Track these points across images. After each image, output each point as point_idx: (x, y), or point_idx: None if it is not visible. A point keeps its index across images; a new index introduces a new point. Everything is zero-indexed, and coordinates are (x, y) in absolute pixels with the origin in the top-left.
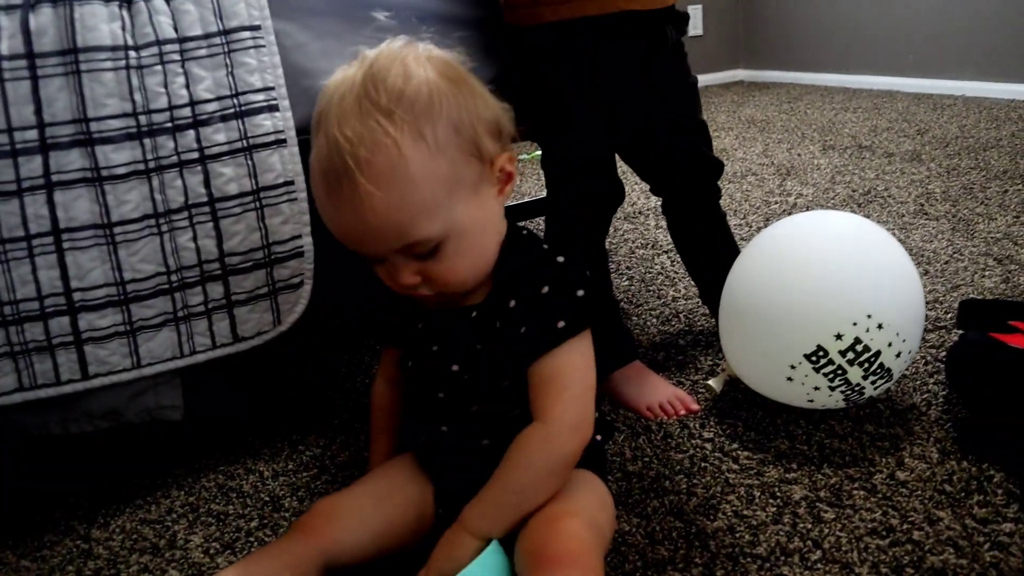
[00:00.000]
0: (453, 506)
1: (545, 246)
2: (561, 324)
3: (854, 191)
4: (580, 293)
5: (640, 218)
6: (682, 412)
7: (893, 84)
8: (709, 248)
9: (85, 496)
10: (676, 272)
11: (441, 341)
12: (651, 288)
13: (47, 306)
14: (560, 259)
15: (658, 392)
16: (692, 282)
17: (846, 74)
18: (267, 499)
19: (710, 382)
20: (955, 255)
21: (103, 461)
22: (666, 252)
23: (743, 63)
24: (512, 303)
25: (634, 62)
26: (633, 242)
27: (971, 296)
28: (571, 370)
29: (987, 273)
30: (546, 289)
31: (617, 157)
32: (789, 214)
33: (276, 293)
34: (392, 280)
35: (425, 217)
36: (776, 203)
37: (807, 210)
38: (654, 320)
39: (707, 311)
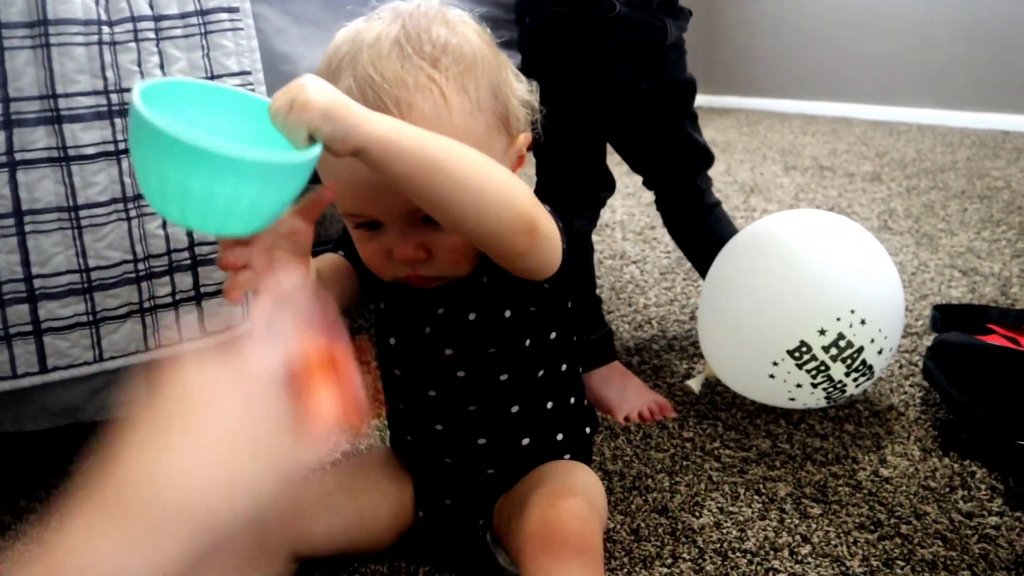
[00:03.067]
0: (435, 508)
1: None
2: None
3: (818, 207)
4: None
5: (607, 231)
6: (660, 418)
7: (849, 110)
8: (711, 234)
9: (37, 500)
10: (646, 281)
11: (434, 323)
12: (622, 296)
13: (5, 293)
14: None
15: (638, 398)
16: (663, 289)
17: (803, 100)
18: None
19: (689, 383)
20: (921, 267)
21: (57, 461)
22: (635, 263)
23: (702, 88)
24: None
25: (640, 57)
26: (601, 253)
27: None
28: None
29: (953, 284)
30: None
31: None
32: None
33: None
34: (385, 257)
35: None
36: (742, 218)
37: None
38: (627, 326)
39: (680, 317)
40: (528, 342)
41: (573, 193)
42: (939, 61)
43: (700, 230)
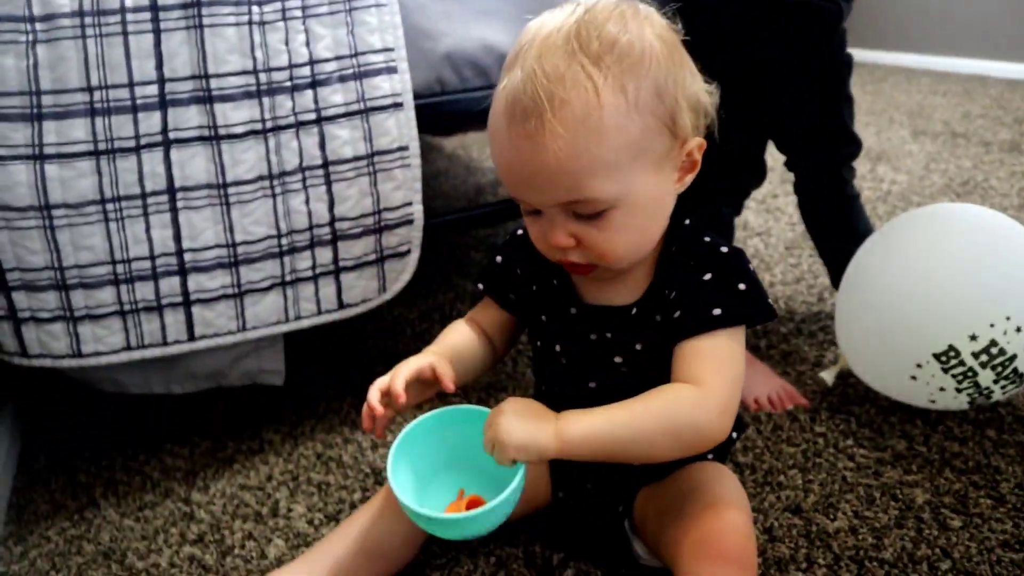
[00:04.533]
0: (575, 491)
1: (707, 238)
2: (717, 312)
3: (951, 180)
4: (742, 287)
5: None
6: (789, 406)
7: (984, 68)
8: (845, 228)
9: (182, 458)
10: (771, 256)
11: (600, 332)
12: None
13: (159, 266)
14: (724, 249)
15: (766, 384)
16: (789, 265)
17: (933, 55)
18: (368, 471)
19: (822, 374)
20: None
21: (199, 422)
22: (759, 235)
23: None
24: (672, 294)
25: (813, 41)
26: None
27: None
28: (727, 354)
29: None
30: (708, 276)
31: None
32: (884, 201)
33: (383, 260)
34: (543, 239)
35: (603, 175)
36: (869, 189)
37: (902, 198)
38: None
39: (808, 297)
40: None
41: (727, 186)
42: None
43: (836, 219)
